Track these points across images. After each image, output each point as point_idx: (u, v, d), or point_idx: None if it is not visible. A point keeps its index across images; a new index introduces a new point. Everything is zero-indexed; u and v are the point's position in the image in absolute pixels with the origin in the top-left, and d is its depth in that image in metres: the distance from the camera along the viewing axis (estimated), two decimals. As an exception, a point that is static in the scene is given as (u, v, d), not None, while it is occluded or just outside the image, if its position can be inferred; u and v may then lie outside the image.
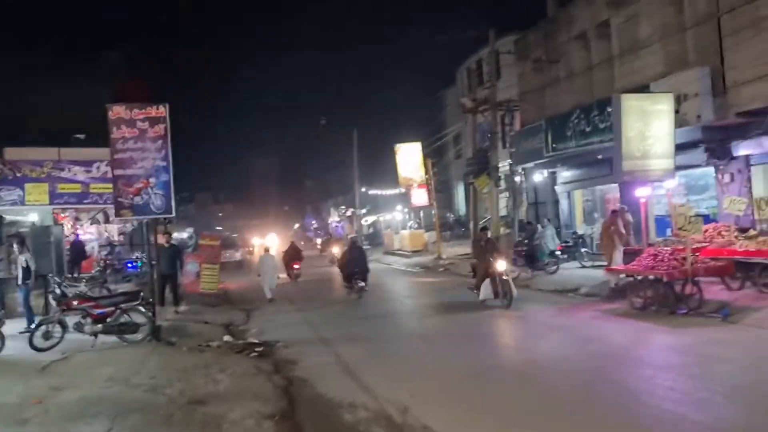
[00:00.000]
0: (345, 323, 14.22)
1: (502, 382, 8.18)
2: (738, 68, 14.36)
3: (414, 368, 9.16)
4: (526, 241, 19.89)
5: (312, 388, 8.47)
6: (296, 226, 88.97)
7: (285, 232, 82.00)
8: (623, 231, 15.92)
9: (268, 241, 33.68)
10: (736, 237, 13.13)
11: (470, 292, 14.82)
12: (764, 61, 13.61)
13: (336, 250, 28.89)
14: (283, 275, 23.40)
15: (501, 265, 14.13)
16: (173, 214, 13.20)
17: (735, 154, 15.19)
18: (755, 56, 13.84)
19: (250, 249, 45.16)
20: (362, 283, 17.62)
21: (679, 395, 6.94)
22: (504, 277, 13.92)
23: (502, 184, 26.11)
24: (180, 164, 12.92)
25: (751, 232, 13.21)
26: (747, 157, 15.07)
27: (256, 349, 11.20)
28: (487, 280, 14.11)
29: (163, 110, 12.22)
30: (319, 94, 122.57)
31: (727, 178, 15.58)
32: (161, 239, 16.23)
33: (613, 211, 16.67)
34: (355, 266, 17.93)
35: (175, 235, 41.75)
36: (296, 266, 24.64)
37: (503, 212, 28.21)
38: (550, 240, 19.16)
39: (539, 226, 20.07)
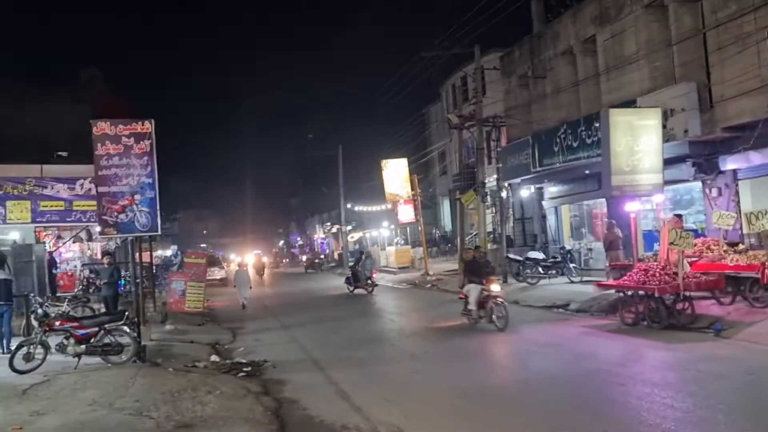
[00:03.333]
0: (334, 342, 14.00)
1: (497, 401, 8.01)
2: (724, 83, 14.44)
3: (406, 389, 8.97)
4: (357, 265, 25.47)
5: (303, 410, 8.25)
6: (281, 243, 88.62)
7: (270, 249, 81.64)
8: None
9: (244, 258, 35.89)
10: (725, 251, 13.11)
11: (461, 312, 14.36)
12: (749, 76, 13.71)
13: None
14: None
15: (495, 287, 13.62)
16: (159, 232, 12.96)
17: (722, 169, 15.24)
18: (740, 71, 13.94)
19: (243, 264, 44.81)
20: None
21: (680, 413, 6.81)
22: (499, 300, 13.30)
23: (489, 199, 26.10)
24: (163, 181, 12.68)
25: (741, 247, 13.21)
26: (734, 172, 15.12)
27: (244, 369, 10.96)
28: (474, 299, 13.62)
29: (149, 126, 12.03)
30: (306, 111, 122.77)
31: (714, 192, 15.61)
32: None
33: (678, 215, 14.80)
34: None
35: (159, 252, 41.40)
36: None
37: (489, 228, 28.18)
38: (368, 267, 25.00)
39: (363, 256, 26.08)
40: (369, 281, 24.44)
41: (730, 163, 14.91)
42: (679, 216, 14.43)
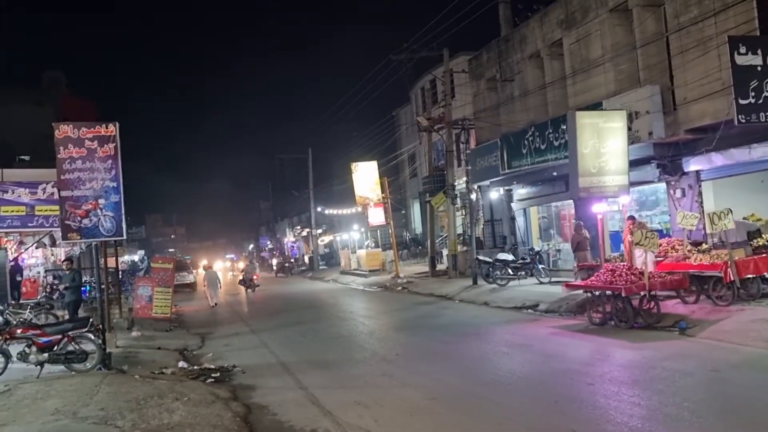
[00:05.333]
0: (304, 346, 13.92)
1: (467, 403, 8.01)
2: (686, 86, 14.71)
3: (376, 392, 8.93)
4: (246, 272, 32.19)
5: (272, 416, 8.16)
6: (251, 246, 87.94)
7: (240, 253, 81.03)
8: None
9: (211, 261, 38.91)
10: (689, 251, 13.35)
11: (426, 310, 14.15)
12: (711, 79, 13.99)
13: None
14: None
15: None
16: (124, 237, 12.73)
17: (686, 170, 15.52)
18: (702, 74, 14.21)
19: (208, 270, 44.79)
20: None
21: (647, 411, 6.90)
22: None
23: (458, 202, 26.21)
24: (130, 185, 12.47)
25: (704, 246, 13.46)
26: (697, 173, 15.41)
27: (213, 375, 10.83)
28: None
29: (113, 129, 11.79)
30: (276, 115, 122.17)
31: (678, 193, 15.89)
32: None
33: (631, 217, 15.32)
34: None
35: (125, 257, 40.81)
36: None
37: (459, 230, 28.31)
38: (249, 272, 31.94)
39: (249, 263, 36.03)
40: (251, 282, 30.58)
41: (693, 165, 15.19)
42: (632, 218, 14.74)
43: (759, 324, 10.39)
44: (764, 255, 12.20)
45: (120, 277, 23.58)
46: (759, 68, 12.38)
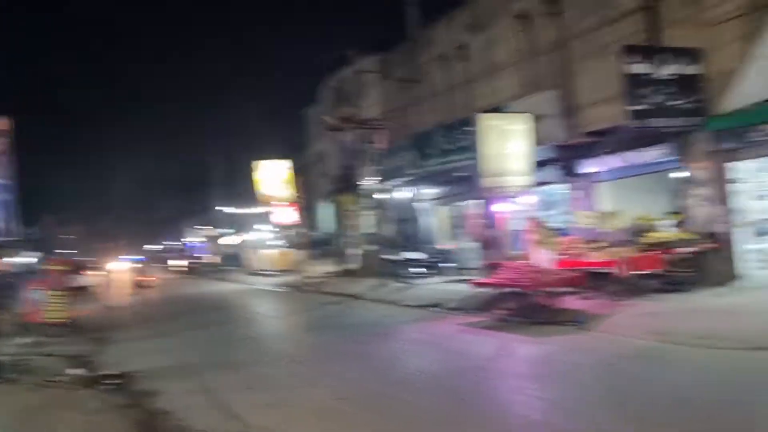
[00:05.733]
0: (210, 348, 13.56)
1: (376, 402, 8.03)
2: (585, 91, 15.41)
3: (285, 392, 8.82)
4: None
5: (177, 421, 7.88)
6: (154, 247, 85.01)
7: (141, 254, 78.24)
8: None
9: (112, 262, 38.11)
10: (587, 249, 13.99)
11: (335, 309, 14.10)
12: (608, 85, 14.69)
13: None
14: None
15: None
16: (16, 237, 11.98)
17: (584, 171, 16.27)
18: (600, 80, 14.92)
19: (108, 272, 42.60)
20: None
21: (548, 404, 7.16)
22: None
23: (367, 201, 26.33)
24: (25, 183, 11.75)
25: (600, 244, 14.15)
26: (594, 174, 16.19)
27: (112, 382, 10.35)
28: None
29: (5, 124, 11.08)
30: (174, 111, 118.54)
31: (577, 193, 16.63)
32: None
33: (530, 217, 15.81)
34: None
35: (18, 259, 38.47)
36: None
37: (369, 229, 28.43)
38: (146, 272, 33.87)
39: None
40: (145, 283, 31.64)
41: (591, 167, 15.95)
42: (532, 217, 15.33)
43: (647, 318, 11.03)
44: (652, 253, 12.97)
45: (12, 280, 22.19)
46: (649, 76, 13.10)
